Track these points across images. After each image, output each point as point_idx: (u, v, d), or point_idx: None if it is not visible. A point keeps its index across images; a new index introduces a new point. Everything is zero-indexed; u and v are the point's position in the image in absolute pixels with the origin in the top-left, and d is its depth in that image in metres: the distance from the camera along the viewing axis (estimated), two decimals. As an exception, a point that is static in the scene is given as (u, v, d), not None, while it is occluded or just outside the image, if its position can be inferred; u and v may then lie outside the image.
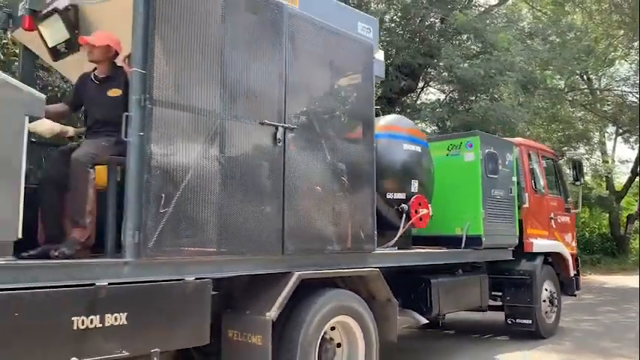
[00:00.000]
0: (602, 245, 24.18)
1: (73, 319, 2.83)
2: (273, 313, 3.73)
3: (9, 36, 4.98)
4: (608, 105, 20.06)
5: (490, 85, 13.06)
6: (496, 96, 13.50)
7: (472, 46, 14.84)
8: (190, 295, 3.37)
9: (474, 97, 13.98)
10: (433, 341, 7.26)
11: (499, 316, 7.30)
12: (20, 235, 2.77)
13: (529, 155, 7.43)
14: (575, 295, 8.12)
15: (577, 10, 16.50)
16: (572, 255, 7.95)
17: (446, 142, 6.54)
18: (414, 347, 6.80)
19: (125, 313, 3.03)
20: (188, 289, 3.35)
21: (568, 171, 9.48)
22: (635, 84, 19.49)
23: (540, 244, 7.17)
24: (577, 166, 8.35)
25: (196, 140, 3.47)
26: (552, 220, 7.66)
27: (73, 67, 4.33)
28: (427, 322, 5.59)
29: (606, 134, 24.69)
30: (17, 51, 6.81)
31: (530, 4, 17.58)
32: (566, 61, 14.03)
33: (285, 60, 4.07)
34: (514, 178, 6.78)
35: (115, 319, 3.00)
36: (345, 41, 4.64)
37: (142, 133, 3.19)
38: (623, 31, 16.34)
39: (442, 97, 16.60)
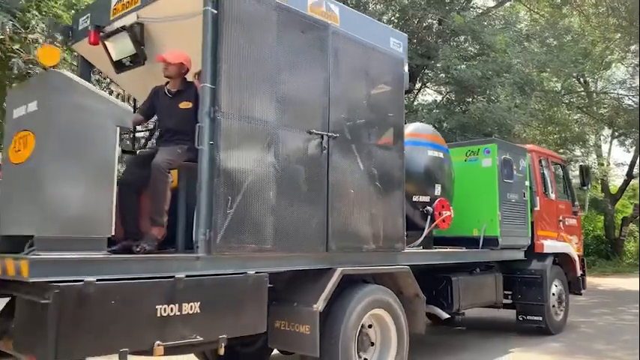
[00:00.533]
0: (597, 247, 24.49)
1: (157, 307, 3.21)
2: (320, 305, 4.11)
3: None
4: (604, 108, 20.23)
5: (487, 87, 13.14)
6: (493, 97, 13.57)
7: (470, 48, 14.91)
8: (251, 287, 3.75)
9: (470, 99, 14.03)
10: (446, 336, 7.63)
11: (505, 313, 7.65)
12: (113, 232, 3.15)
13: (540, 161, 7.83)
14: (581, 294, 8.51)
15: (574, 12, 16.66)
16: (578, 256, 8.35)
17: (464, 149, 6.94)
18: (430, 341, 7.17)
19: (198, 303, 3.41)
20: (249, 281, 3.73)
21: (572, 176, 9.85)
22: (632, 87, 19.76)
23: (550, 245, 7.57)
24: (585, 171, 8.76)
25: (256, 148, 3.85)
26: (561, 223, 8.06)
27: (131, 80, 4.69)
28: (449, 316, 5.97)
29: (602, 137, 24.97)
30: (14, 47, 7.30)
31: (528, 6, 17.67)
32: (563, 64, 14.11)
33: (329, 74, 4.45)
34: (527, 183, 7.19)
35: (191, 307, 3.37)
36: (380, 55, 5.02)
37: (211, 142, 3.57)
38: (619, 35, 16.26)
39: (439, 98, 16.68)
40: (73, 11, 8.39)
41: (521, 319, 7.45)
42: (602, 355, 6.46)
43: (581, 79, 20.78)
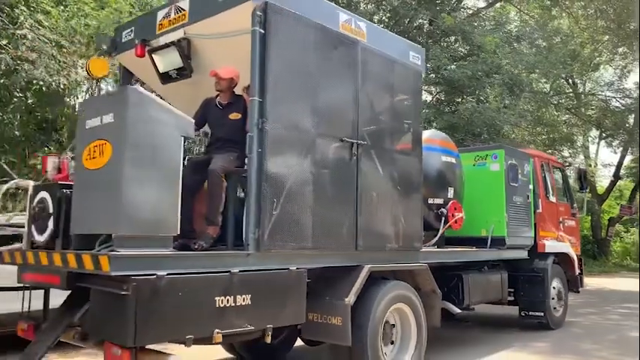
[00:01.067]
0: (584, 247, 24.87)
1: (216, 298, 3.57)
2: (351, 299, 4.49)
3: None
4: (592, 109, 20.52)
5: (476, 87, 13.22)
6: (482, 98, 13.63)
7: (460, 48, 14.98)
8: (292, 281, 4.12)
9: (460, 99, 14.12)
10: (451, 332, 8.01)
11: (506, 310, 8.05)
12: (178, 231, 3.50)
13: (542, 165, 8.27)
14: (578, 292, 8.96)
15: (564, 14, 16.87)
16: (577, 255, 8.80)
17: (473, 154, 7.35)
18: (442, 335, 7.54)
19: (250, 295, 3.78)
20: (291, 276, 4.11)
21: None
22: (619, 89, 20.13)
23: (551, 245, 8.01)
24: (582, 175, 9.22)
25: (296, 155, 4.22)
26: (560, 224, 8.51)
27: (175, 91, 5.04)
28: (460, 311, 6.38)
29: (590, 138, 25.34)
30: (2, 43, 7.56)
31: (518, 7, 17.80)
32: (552, 65, 14.24)
33: (358, 86, 4.83)
34: (531, 186, 7.61)
35: (243, 299, 3.74)
36: (401, 68, 5.42)
37: (259, 150, 3.94)
38: (607, 37, 16.51)
39: (429, 98, 16.85)
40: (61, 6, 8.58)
41: (523, 314, 7.87)
42: (588, 355, 6.53)
43: (570, 81, 21.04)
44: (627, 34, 15.18)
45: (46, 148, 11.17)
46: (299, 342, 6.18)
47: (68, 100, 10.93)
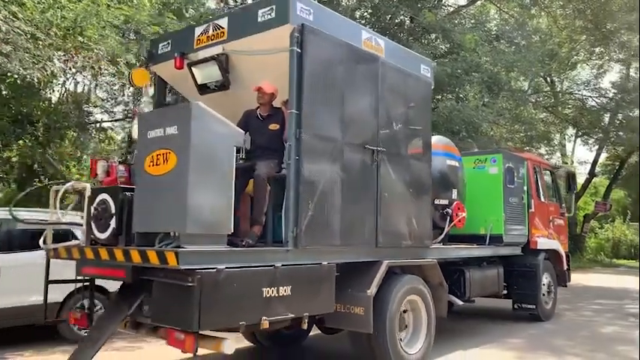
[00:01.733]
0: (559, 244, 25.61)
1: (262, 289, 4.04)
2: (373, 290, 4.99)
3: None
4: (569, 108, 20.89)
5: (456, 85, 13.31)
6: (461, 96, 13.69)
7: (441, 46, 14.97)
8: (324, 275, 4.61)
9: (440, 97, 14.20)
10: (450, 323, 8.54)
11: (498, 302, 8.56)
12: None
13: (534, 168, 8.86)
14: (566, 286, 9.58)
15: (542, 13, 17.04)
16: (564, 252, 9.43)
17: (473, 157, 7.91)
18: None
19: (290, 286, 4.25)
20: (323, 270, 4.59)
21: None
22: (595, 88, 20.59)
23: (543, 242, 8.61)
24: (571, 177, 9.84)
25: (327, 161, 4.70)
26: (551, 223, 9.12)
27: (211, 101, 5.45)
28: (462, 303, 6.92)
29: (566, 136, 25.67)
30: None
31: (498, 5, 17.87)
32: (531, 64, 14.30)
33: (378, 97, 5.33)
34: (525, 188, 8.19)
35: (285, 290, 4.21)
36: (414, 80, 5.92)
37: (297, 157, 4.40)
38: (585, 37, 16.87)
39: None
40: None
41: (516, 307, 8.46)
42: (561, 352, 6.59)
43: (548, 79, 21.32)
44: (604, 34, 15.53)
45: (21, 141, 11.24)
46: (314, 331, 6.70)
47: (44, 92, 10.95)
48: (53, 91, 11.11)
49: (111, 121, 12.62)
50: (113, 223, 4.14)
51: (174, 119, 3.83)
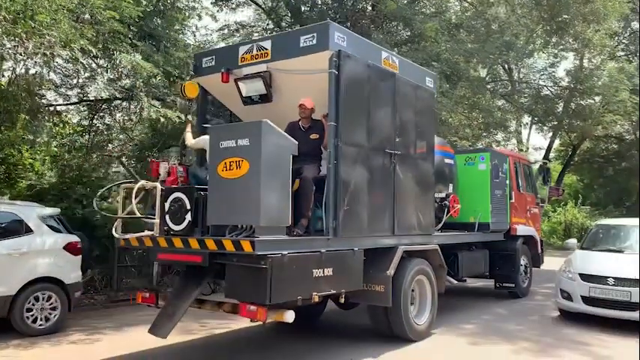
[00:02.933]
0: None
1: (312, 270, 4.99)
2: (391, 271, 5.99)
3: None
4: (524, 97, 21.25)
5: None
6: None
7: (402, 32, 15.03)
8: (355, 259, 5.58)
9: None
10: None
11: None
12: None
13: (514, 163, 10.00)
14: (539, 267, 10.82)
15: (501, 1, 17.11)
16: (539, 237, 10.66)
17: (464, 156, 8.99)
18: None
19: (331, 268, 5.21)
20: (355, 255, 5.56)
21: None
22: (549, 76, 21.30)
23: (522, 229, 9.80)
24: (545, 170, 11.06)
25: (357, 164, 5.64)
26: (528, 212, 10.31)
27: (251, 112, 6.32)
28: (457, 282, 8.02)
29: (522, 123, 26.66)
30: None
31: None
32: (489, 54, 14.49)
33: (394, 108, 6.28)
34: (507, 182, 9.32)
35: (328, 271, 5.17)
36: (422, 91, 6.90)
37: (335, 162, 5.34)
38: (541, 26, 17.13)
39: None
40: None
41: (498, 286, 9.65)
42: (511, 336, 6.87)
43: (506, 66, 21.85)
44: (559, 26, 15.89)
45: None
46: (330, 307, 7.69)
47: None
48: (3, 75, 10.52)
49: (66, 104, 12.17)
50: (189, 217, 4.99)
51: (245, 133, 4.70)
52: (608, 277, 7.19)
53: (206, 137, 5.63)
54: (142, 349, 6.13)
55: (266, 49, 5.84)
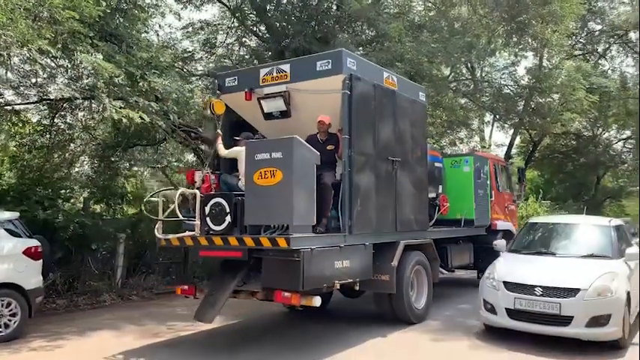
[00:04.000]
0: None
1: (334, 262, 5.90)
2: (395, 262, 6.94)
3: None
4: (486, 96, 21.25)
5: None
6: None
7: (367, 31, 15.09)
8: (366, 252, 6.51)
9: None
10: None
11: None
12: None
13: (494, 165, 11.07)
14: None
15: (463, 1, 17.06)
16: (516, 231, 11.76)
17: (450, 159, 10.03)
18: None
19: (349, 260, 6.13)
20: (366, 249, 6.50)
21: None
22: (511, 74, 21.21)
23: (501, 224, 10.87)
24: (521, 171, 12.20)
25: (367, 170, 6.57)
26: (506, 209, 11.41)
27: (271, 126, 7.18)
28: (447, 273, 9.03)
29: (484, 121, 26.80)
30: None
31: None
32: (452, 54, 14.61)
33: (395, 120, 7.22)
34: (488, 182, 10.39)
35: (345, 263, 6.08)
36: (417, 105, 7.88)
37: (349, 169, 6.26)
38: (502, 26, 17.23)
39: None
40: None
41: (481, 276, 10.68)
42: (472, 332, 6.96)
43: (469, 65, 22.10)
44: (519, 26, 16.09)
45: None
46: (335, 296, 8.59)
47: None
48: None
49: (25, 103, 11.50)
50: (228, 218, 5.84)
51: (278, 147, 5.58)
52: (536, 287, 6.04)
53: (238, 148, 6.49)
54: (112, 353, 6.06)
55: (285, 72, 6.71)
